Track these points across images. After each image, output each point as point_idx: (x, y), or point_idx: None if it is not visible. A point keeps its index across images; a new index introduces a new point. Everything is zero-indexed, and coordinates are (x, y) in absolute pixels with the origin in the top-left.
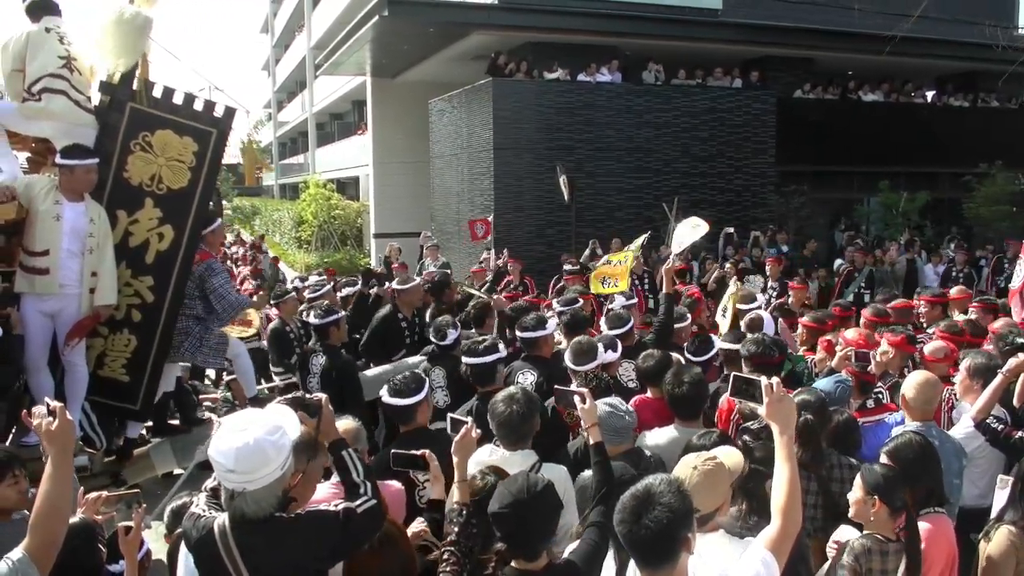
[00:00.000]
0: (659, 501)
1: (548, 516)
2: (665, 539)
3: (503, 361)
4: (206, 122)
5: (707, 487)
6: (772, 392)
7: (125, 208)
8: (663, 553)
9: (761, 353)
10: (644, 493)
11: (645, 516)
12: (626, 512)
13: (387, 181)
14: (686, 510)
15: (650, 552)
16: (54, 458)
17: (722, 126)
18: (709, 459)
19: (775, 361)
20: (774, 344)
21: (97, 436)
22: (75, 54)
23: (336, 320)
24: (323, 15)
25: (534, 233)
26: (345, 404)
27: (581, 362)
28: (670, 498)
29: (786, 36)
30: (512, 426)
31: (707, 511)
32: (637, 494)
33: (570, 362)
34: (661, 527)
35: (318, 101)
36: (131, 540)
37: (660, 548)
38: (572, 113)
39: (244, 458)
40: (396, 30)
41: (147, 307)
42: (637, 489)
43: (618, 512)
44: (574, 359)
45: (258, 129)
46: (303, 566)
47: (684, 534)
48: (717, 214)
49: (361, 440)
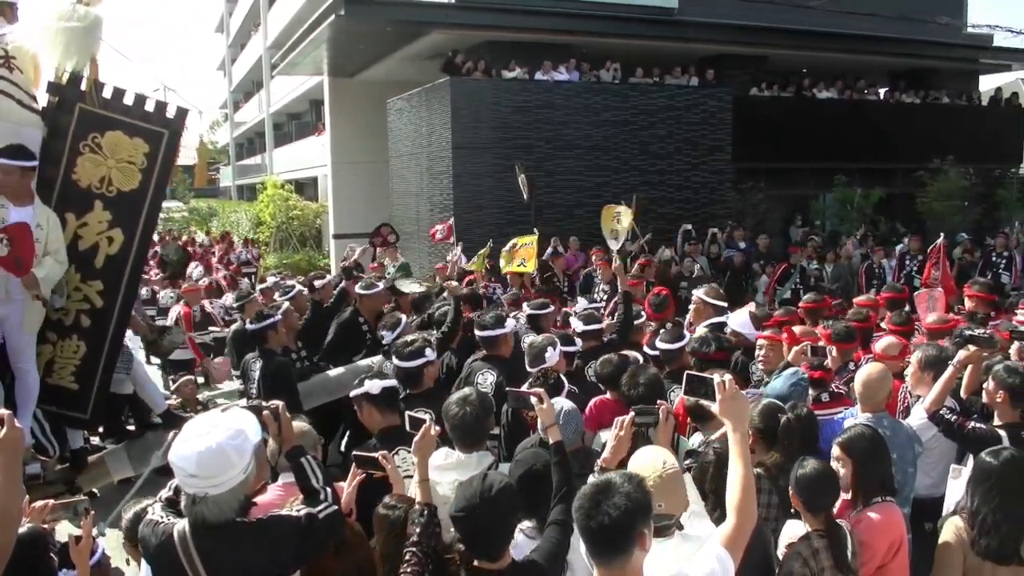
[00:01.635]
0: (619, 491)
1: (506, 517)
2: (621, 529)
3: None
4: (158, 123)
5: (672, 490)
6: (725, 389)
7: (74, 211)
8: (618, 545)
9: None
10: (605, 484)
11: (604, 503)
12: (585, 499)
13: (346, 181)
14: (645, 504)
15: (605, 542)
16: (2, 467)
17: (679, 124)
18: (671, 464)
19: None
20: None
21: (50, 444)
22: (14, 52)
23: (272, 324)
24: (279, 14)
25: (494, 232)
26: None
27: (533, 364)
28: (630, 489)
29: (741, 34)
30: (466, 428)
31: (676, 513)
32: (598, 484)
33: (527, 365)
34: (619, 515)
35: (275, 101)
36: (81, 549)
37: (615, 538)
38: (530, 112)
39: (206, 462)
40: (353, 29)
41: (97, 312)
42: (599, 480)
43: (577, 500)
44: (528, 362)
45: (214, 130)
46: (265, 571)
47: (640, 528)
48: (675, 211)
49: (309, 438)
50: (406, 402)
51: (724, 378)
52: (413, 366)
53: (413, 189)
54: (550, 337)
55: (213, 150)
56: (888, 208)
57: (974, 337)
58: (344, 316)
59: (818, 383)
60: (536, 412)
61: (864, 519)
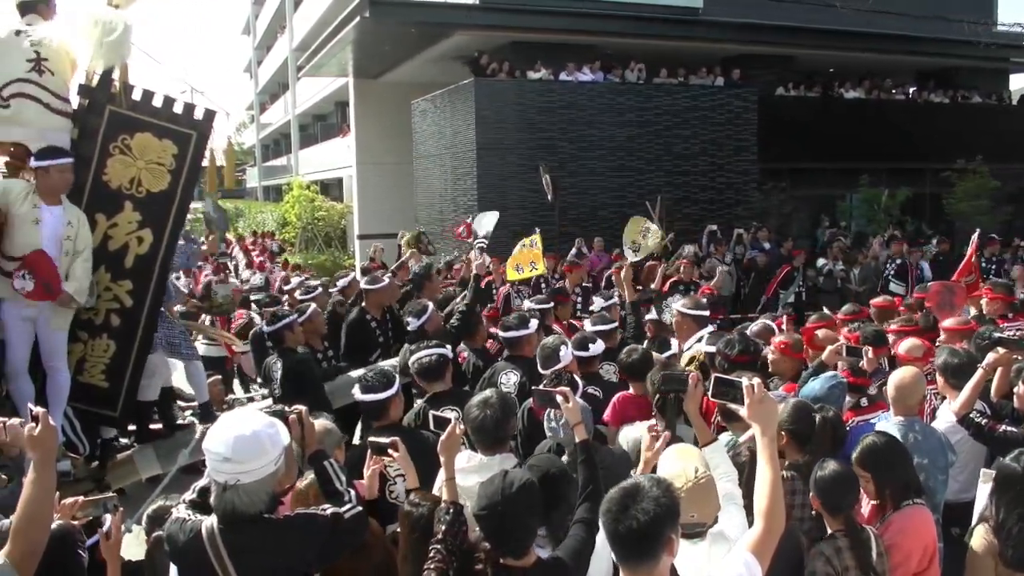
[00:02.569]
0: (647, 496)
1: (528, 514)
2: (649, 535)
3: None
4: (186, 125)
5: (704, 499)
6: (753, 393)
7: (104, 211)
8: (646, 550)
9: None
10: (633, 488)
11: (632, 508)
12: (613, 503)
13: (370, 182)
14: (673, 509)
15: (633, 547)
16: (36, 464)
17: (704, 124)
18: (703, 472)
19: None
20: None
21: (80, 441)
22: (48, 55)
23: (288, 324)
24: (305, 16)
25: (518, 232)
26: (309, 402)
27: (546, 365)
28: (658, 494)
29: (767, 34)
30: (487, 431)
31: (707, 521)
32: (627, 488)
33: (539, 366)
34: (648, 520)
35: (301, 103)
36: (112, 545)
37: (644, 544)
38: (554, 112)
39: (241, 447)
40: (378, 31)
41: (126, 312)
42: (626, 484)
43: (604, 504)
44: (540, 363)
45: (240, 131)
46: (291, 568)
47: (668, 534)
48: (700, 212)
49: (333, 436)
50: (432, 401)
51: (753, 381)
52: (432, 360)
53: (437, 190)
54: (561, 337)
55: (240, 151)
56: (915, 209)
57: (1003, 339)
58: (351, 316)
59: (856, 388)
60: (561, 411)
61: (894, 522)
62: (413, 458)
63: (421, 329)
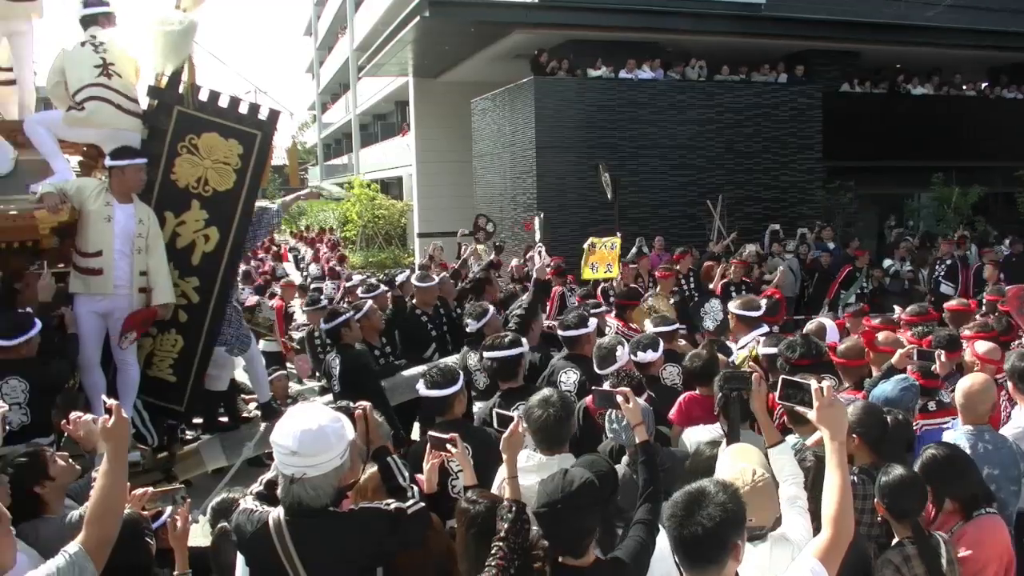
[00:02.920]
0: (713, 501)
1: (588, 513)
2: (715, 540)
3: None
4: (251, 124)
5: (762, 503)
6: (823, 396)
7: (172, 210)
8: (711, 556)
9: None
10: (698, 492)
11: (698, 514)
12: (678, 508)
13: (430, 181)
14: (740, 515)
15: (698, 553)
16: (109, 454)
17: (767, 121)
18: (760, 474)
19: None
20: (813, 345)
21: (149, 433)
22: (112, 59)
23: (345, 321)
24: (365, 17)
25: (578, 231)
26: (366, 396)
27: (603, 366)
28: (724, 499)
29: (831, 29)
30: (549, 430)
31: (766, 524)
32: (691, 492)
33: (595, 367)
34: (713, 526)
35: (361, 102)
36: (179, 535)
37: (709, 550)
38: (614, 111)
39: (308, 441)
40: (437, 30)
41: (193, 308)
42: (691, 488)
43: (669, 508)
44: (597, 363)
45: (303, 131)
46: (354, 561)
47: (734, 539)
48: (763, 211)
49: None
50: (506, 396)
51: (822, 384)
52: (508, 356)
53: (497, 188)
54: (618, 337)
55: (302, 151)
56: (986, 208)
57: None
58: (403, 315)
59: (927, 391)
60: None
61: (967, 533)
62: (476, 454)
63: (479, 332)
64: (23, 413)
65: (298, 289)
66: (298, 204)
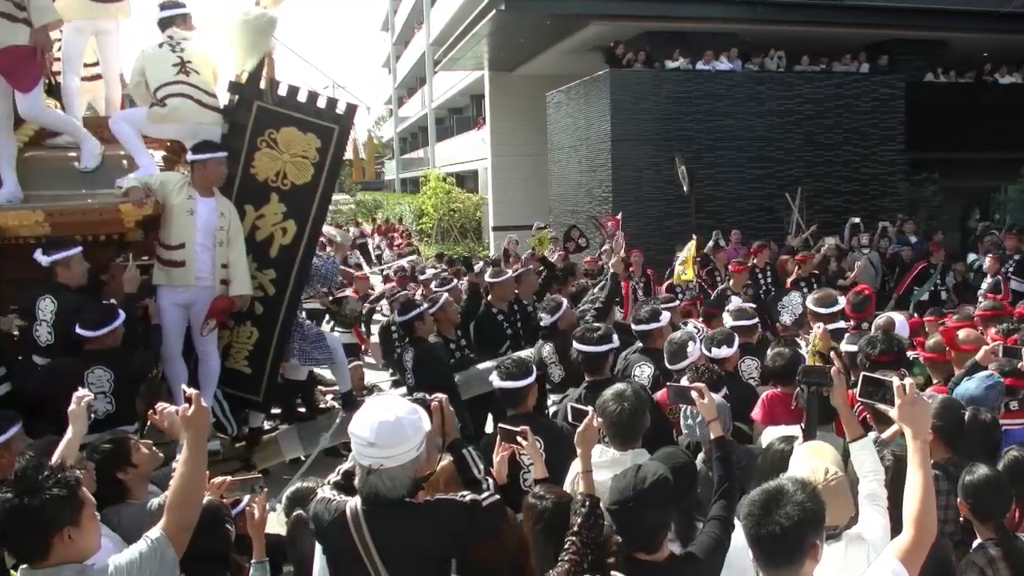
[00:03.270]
0: (792, 500)
1: (661, 510)
2: (793, 540)
3: (616, 352)
4: (329, 119)
5: (835, 503)
6: (905, 394)
7: (252, 203)
8: (789, 555)
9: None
10: (776, 490)
11: (775, 513)
12: (755, 507)
13: (505, 174)
14: (818, 514)
15: (776, 552)
16: (190, 442)
17: (848, 112)
18: (833, 473)
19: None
20: (894, 341)
21: (228, 422)
22: (190, 57)
23: (419, 314)
24: (441, 11)
25: (653, 224)
26: (440, 390)
27: (674, 361)
28: (802, 498)
29: (916, 18)
30: (623, 424)
31: (839, 524)
32: (768, 490)
33: (667, 362)
34: (791, 525)
35: (437, 96)
36: (257, 523)
37: (787, 548)
38: (691, 103)
39: (385, 433)
40: (513, 23)
41: (269, 300)
42: (769, 486)
43: (746, 507)
44: (668, 358)
45: (379, 126)
46: (429, 552)
47: (812, 539)
48: (843, 204)
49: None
50: (591, 388)
51: (905, 381)
52: (598, 351)
53: (572, 182)
54: (689, 332)
55: (378, 145)
56: None
57: None
58: (479, 312)
59: (1012, 390)
60: (697, 408)
61: None
62: (547, 447)
63: (554, 325)
64: (108, 402)
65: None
66: (374, 198)
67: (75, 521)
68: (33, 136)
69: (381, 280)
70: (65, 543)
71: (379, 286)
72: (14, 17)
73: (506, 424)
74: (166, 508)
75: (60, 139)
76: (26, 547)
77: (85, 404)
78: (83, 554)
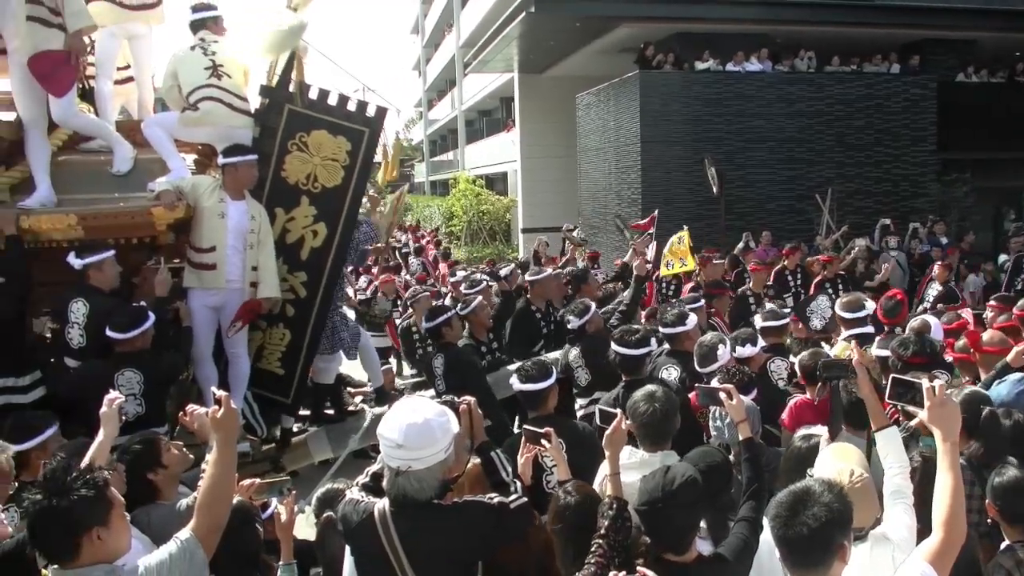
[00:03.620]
0: (819, 501)
1: (689, 511)
2: (821, 541)
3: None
4: (359, 122)
5: (861, 505)
6: (934, 395)
7: (283, 206)
8: (817, 556)
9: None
10: (803, 491)
11: (803, 514)
12: (782, 508)
13: (535, 176)
14: (846, 515)
15: (804, 553)
16: (219, 444)
17: (879, 113)
18: (859, 475)
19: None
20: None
21: (258, 424)
22: (222, 61)
23: (447, 320)
24: (472, 13)
25: (682, 226)
26: (472, 393)
27: (704, 364)
28: (830, 499)
29: (947, 17)
30: (653, 426)
31: (865, 525)
32: (795, 492)
33: (696, 364)
34: (818, 527)
35: (467, 99)
36: (285, 525)
37: (815, 550)
38: (721, 104)
39: (414, 435)
40: (543, 25)
41: (300, 302)
42: (796, 487)
43: (773, 508)
44: (697, 361)
45: (409, 128)
46: (457, 554)
47: (840, 540)
48: (874, 205)
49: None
50: (628, 387)
51: (934, 383)
52: (635, 355)
53: (601, 184)
54: (720, 335)
55: (408, 147)
56: None
57: None
58: (517, 308)
59: None
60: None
61: None
62: (569, 449)
63: (582, 328)
64: (138, 404)
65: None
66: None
67: (104, 522)
68: (66, 140)
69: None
70: (94, 543)
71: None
72: (48, 22)
73: (530, 426)
74: (196, 509)
75: (93, 143)
76: (56, 548)
77: (117, 407)
78: (113, 554)
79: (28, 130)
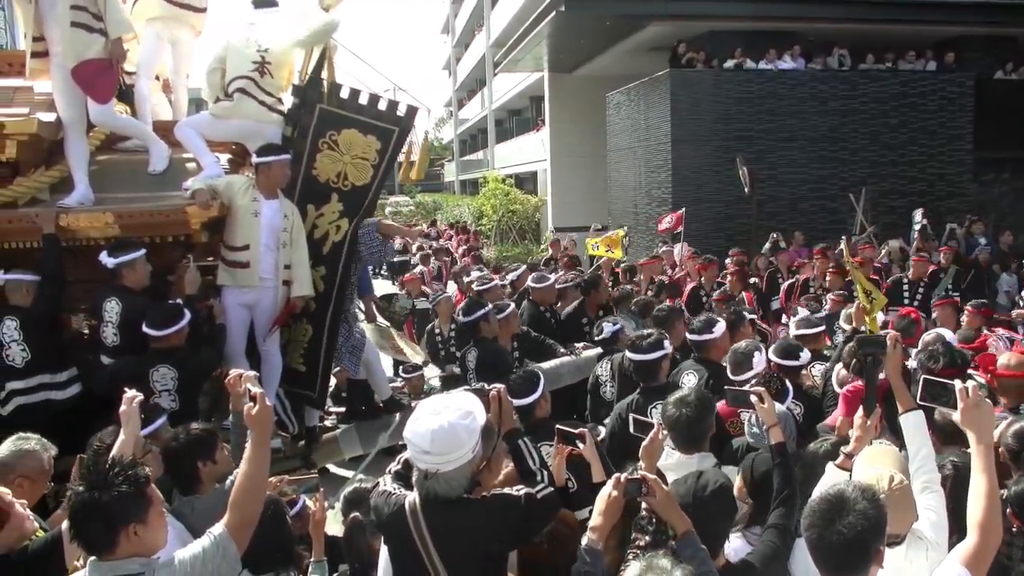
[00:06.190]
0: (854, 508)
1: (719, 518)
2: (857, 548)
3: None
4: (389, 121)
5: (899, 512)
6: (968, 397)
7: (313, 203)
8: (853, 563)
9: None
10: (837, 498)
11: (838, 522)
12: (816, 516)
13: (564, 175)
14: (881, 521)
15: (840, 561)
16: (254, 441)
17: (914, 111)
18: (898, 481)
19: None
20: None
21: (290, 421)
22: (270, 59)
23: (484, 315)
24: (501, 13)
25: (713, 226)
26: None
27: (737, 372)
28: (865, 506)
29: (984, 13)
30: (681, 429)
31: (902, 531)
32: (829, 498)
33: (730, 372)
34: (854, 534)
35: (497, 98)
36: (317, 522)
37: (851, 557)
38: (752, 102)
39: (439, 440)
40: (573, 24)
41: (320, 296)
42: (829, 494)
43: (807, 515)
44: (731, 369)
45: (439, 128)
46: (487, 545)
47: (876, 546)
48: (909, 204)
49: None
50: (645, 394)
51: (967, 385)
52: (649, 359)
53: (631, 183)
54: (755, 342)
55: (438, 146)
56: None
57: None
58: (528, 311)
59: None
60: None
61: None
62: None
63: (614, 337)
64: (172, 400)
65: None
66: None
67: (142, 519)
68: (104, 140)
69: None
70: (131, 539)
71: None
72: (91, 28)
73: (563, 425)
74: (229, 505)
75: (129, 143)
76: (95, 540)
77: (136, 404)
78: (149, 549)
79: (67, 130)
